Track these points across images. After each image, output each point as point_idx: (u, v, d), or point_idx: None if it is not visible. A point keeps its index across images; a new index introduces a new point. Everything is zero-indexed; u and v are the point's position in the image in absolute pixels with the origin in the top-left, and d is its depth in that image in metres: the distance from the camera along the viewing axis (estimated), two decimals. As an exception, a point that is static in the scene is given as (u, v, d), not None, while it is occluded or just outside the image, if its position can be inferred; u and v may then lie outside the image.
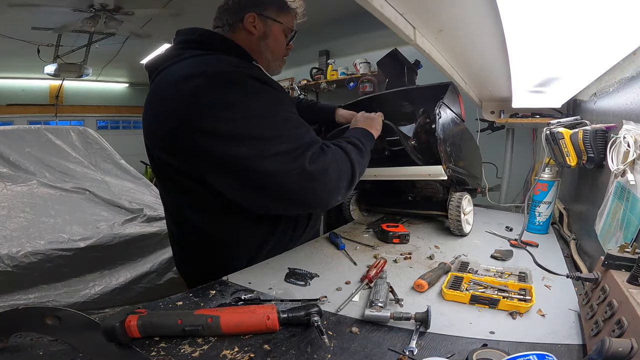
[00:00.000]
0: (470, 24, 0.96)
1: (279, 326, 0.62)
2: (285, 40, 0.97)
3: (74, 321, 0.50)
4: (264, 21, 0.92)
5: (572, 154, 1.07)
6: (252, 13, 0.90)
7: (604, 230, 0.88)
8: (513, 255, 1.06)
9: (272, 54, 0.96)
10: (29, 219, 2.07)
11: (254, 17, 0.90)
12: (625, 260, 0.59)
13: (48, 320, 0.50)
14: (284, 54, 1.00)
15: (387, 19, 0.88)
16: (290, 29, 0.97)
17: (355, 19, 3.91)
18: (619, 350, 0.43)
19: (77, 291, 1.91)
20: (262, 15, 0.91)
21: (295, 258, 1.04)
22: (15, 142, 2.63)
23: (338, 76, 4.01)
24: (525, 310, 0.71)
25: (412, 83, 1.47)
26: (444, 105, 1.15)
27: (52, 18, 3.86)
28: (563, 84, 1.27)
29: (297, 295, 0.79)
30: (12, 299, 1.72)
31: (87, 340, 0.51)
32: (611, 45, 0.81)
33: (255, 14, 0.90)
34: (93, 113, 7.40)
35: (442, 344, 0.62)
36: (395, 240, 1.17)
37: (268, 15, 0.92)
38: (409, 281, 0.88)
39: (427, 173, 1.15)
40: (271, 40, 0.94)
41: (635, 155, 0.74)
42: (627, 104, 0.88)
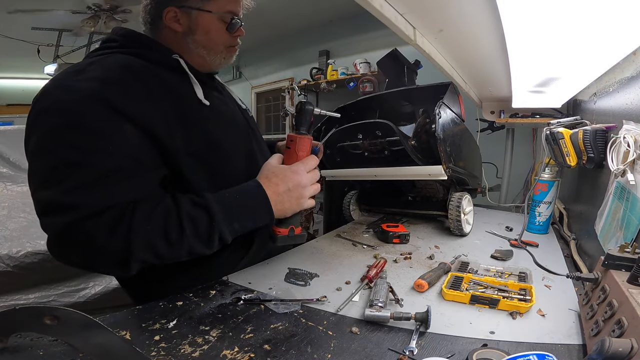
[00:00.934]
0: (470, 24, 0.96)
1: None
2: (223, 28, 0.82)
3: (73, 321, 0.50)
4: (187, 13, 0.79)
5: (572, 154, 1.07)
6: (171, 7, 0.78)
7: (604, 230, 0.88)
8: (513, 255, 1.06)
9: (207, 49, 0.83)
10: (29, 219, 2.06)
11: (174, 11, 0.79)
12: (625, 260, 0.59)
13: (47, 320, 0.49)
14: (228, 44, 0.85)
15: (387, 19, 0.88)
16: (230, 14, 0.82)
17: (355, 19, 3.92)
18: (619, 350, 0.43)
19: (77, 291, 1.91)
20: (184, 7, 0.78)
21: (295, 258, 1.04)
22: (15, 142, 2.61)
23: (338, 76, 4.00)
24: (525, 310, 0.71)
25: (412, 83, 1.47)
26: (444, 105, 1.15)
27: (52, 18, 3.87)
28: (563, 84, 1.27)
29: (297, 295, 0.79)
30: (12, 299, 1.72)
31: (86, 340, 0.51)
32: (611, 45, 0.81)
33: (175, 8, 0.78)
34: (93, 113, 7.39)
35: (442, 344, 0.62)
36: (395, 240, 1.17)
37: (191, 6, 0.79)
38: (409, 281, 0.88)
39: (427, 173, 1.15)
40: (200, 33, 0.81)
41: (635, 155, 0.74)
42: (627, 104, 0.88)
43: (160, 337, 0.61)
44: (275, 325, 0.67)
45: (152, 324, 0.65)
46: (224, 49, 0.85)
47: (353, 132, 1.22)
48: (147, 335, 0.61)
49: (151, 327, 0.64)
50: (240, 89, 5.97)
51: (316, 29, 4.43)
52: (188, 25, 0.80)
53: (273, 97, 5.53)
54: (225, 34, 0.83)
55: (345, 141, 1.26)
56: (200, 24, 0.80)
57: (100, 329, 0.50)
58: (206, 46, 0.83)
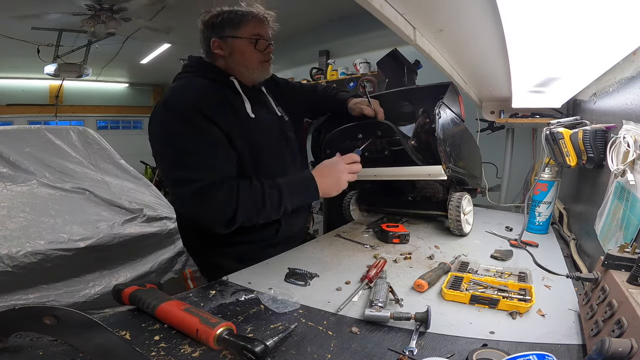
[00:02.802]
0: (470, 24, 0.96)
1: (214, 346, 0.58)
2: (253, 49, 1.05)
3: (72, 320, 0.50)
4: (225, 41, 1.04)
5: (572, 154, 1.07)
6: (214, 39, 1.03)
7: (604, 230, 0.88)
8: (513, 255, 1.06)
9: (244, 66, 1.06)
10: (29, 219, 2.06)
11: (217, 41, 1.04)
12: (625, 260, 0.59)
13: (46, 320, 0.49)
14: (261, 60, 1.08)
15: (387, 19, 0.88)
16: (257, 37, 1.04)
17: (355, 19, 3.91)
18: (618, 350, 0.43)
19: (77, 291, 1.91)
20: (222, 37, 1.03)
21: (295, 258, 1.04)
22: (15, 142, 2.62)
23: (338, 76, 4.00)
24: (525, 310, 0.71)
25: (412, 83, 1.47)
26: (443, 105, 1.15)
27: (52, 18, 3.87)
28: (563, 84, 1.27)
29: (297, 295, 0.79)
30: (12, 299, 1.72)
31: (86, 340, 0.51)
32: (611, 45, 0.81)
33: (217, 39, 1.03)
34: (93, 113, 7.40)
35: (442, 344, 0.62)
36: (395, 240, 1.17)
37: (227, 35, 1.03)
38: (409, 281, 0.88)
39: (427, 173, 1.15)
40: (237, 55, 1.05)
41: (635, 155, 0.74)
42: (627, 104, 0.88)
43: (160, 337, 0.61)
44: (275, 325, 0.67)
45: (152, 324, 0.65)
46: (258, 64, 1.07)
47: (353, 132, 1.22)
48: (147, 335, 0.61)
49: (151, 327, 0.64)
50: (240, 89, 5.97)
51: (316, 29, 4.43)
52: (228, 50, 1.04)
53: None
54: (256, 53, 1.05)
55: (345, 141, 1.26)
56: (236, 48, 1.04)
57: (100, 329, 0.50)
58: (243, 64, 1.06)
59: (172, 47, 5.27)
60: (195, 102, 0.96)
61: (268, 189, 0.97)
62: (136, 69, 6.60)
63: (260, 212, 0.97)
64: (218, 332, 0.58)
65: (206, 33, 1.05)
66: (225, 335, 0.58)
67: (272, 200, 0.97)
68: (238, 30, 1.03)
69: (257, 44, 1.05)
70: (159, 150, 0.99)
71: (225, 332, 0.58)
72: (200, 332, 0.58)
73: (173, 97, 1.01)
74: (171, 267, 2.24)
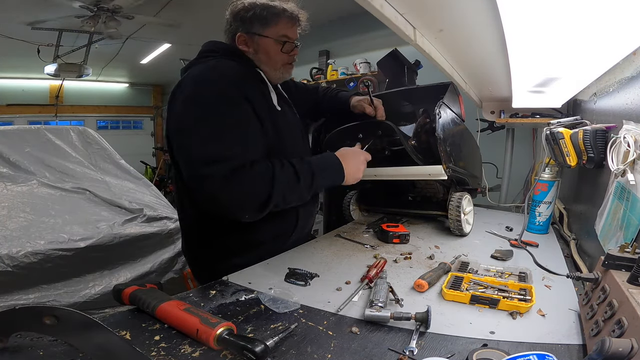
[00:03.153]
0: (470, 24, 0.96)
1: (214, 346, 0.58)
2: (279, 50, 1.01)
3: (72, 320, 0.50)
4: (252, 38, 1.00)
5: (572, 154, 1.07)
6: (241, 33, 0.99)
7: (604, 230, 0.88)
8: (513, 255, 1.06)
9: (268, 65, 1.03)
10: (29, 219, 2.06)
11: (243, 36, 1.00)
12: (625, 260, 0.59)
13: (46, 320, 0.49)
14: (285, 62, 1.04)
15: (387, 19, 0.88)
16: (284, 38, 1.00)
17: (355, 19, 3.91)
18: (619, 350, 0.43)
19: (77, 291, 1.91)
20: (249, 32, 0.99)
21: (295, 258, 1.04)
22: (15, 142, 2.62)
23: (338, 76, 4.00)
24: (525, 310, 0.71)
25: (412, 83, 1.47)
26: (444, 105, 1.15)
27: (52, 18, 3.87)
28: (563, 84, 1.27)
29: (297, 295, 0.79)
30: (12, 299, 1.72)
31: (86, 340, 0.51)
32: (611, 45, 0.81)
33: (243, 34, 0.99)
34: (93, 113, 7.40)
35: (442, 344, 0.62)
36: (395, 240, 1.17)
37: (254, 32, 0.99)
38: (409, 281, 0.88)
39: (427, 173, 1.15)
40: (262, 54, 1.01)
41: (635, 155, 0.74)
42: (627, 104, 0.88)
43: (160, 337, 0.61)
44: (276, 325, 0.67)
45: (152, 324, 0.65)
46: (281, 66, 1.04)
47: (353, 132, 1.22)
48: (147, 335, 0.61)
49: (151, 327, 0.64)
50: (240, 89, 5.97)
51: (316, 29, 4.42)
52: (253, 47, 1.01)
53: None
54: (281, 54, 1.02)
55: (345, 141, 1.26)
56: (262, 47, 1.00)
57: (100, 329, 0.50)
58: (267, 63, 1.03)
59: (172, 47, 5.27)
60: (234, 78, 0.91)
61: (300, 165, 0.94)
62: (136, 69, 6.60)
63: (294, 191, 0.93)
64: (218, 332, 0.58)
65: (233, 25, 1.01)
66: (226, 335, 0.58)
67: (305, 178, 0.94)
68: (267, 28, 0.99)
69: (284, 46, 1.01)
70: (188, 126, 0.90)
71: (226, 332, 0.58)
72: (200, 332, 0.58)
73: (205, 73, 0.94)
74: (171, 267, 2.24)
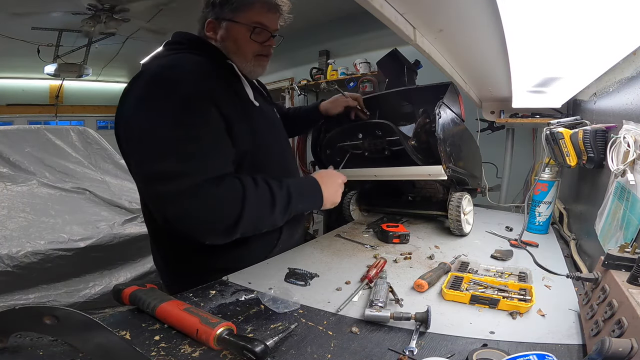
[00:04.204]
0: (470, 24, 0.96)
1: (214, 346, 0.57)
2: (248, 38, 0.90)
3: (72, 320, 0.50)
4: (220, 24, 0.90)
5: (572, 154, 1.07)
6: (210, 19, 0.90)
7: (604, 230, 0.88)
8: (513, 255, 1.06)
9: (236, 55, 0.91)
10: (29, 219, 2.06)
11: (212, 22, 0.90)
12: (625, 260, 0.59)
13: (46, 320, 0.49)
14: (257, 52, 0.93)
15: (387, 19, 0.88)
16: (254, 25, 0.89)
17: (355, 19, 3.91)
18: (619, 350, 0.43)
19: (77, 291, 1.91)
20: (219, 18, 0.89)
21: (295, 258, 1.04)
22: (15, 142, 2.62)
23: (338, 76, 4.00)
24: (525, 310, 0.71)
25: (412, 83, 1.47)
26: (444, 105, 1.15)
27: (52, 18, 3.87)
28: (563, 84, 1.27)
29: (297, 295, 0.79)
30: (12, 299, 1.72)
31: (86, 340, 0.51)
32: (611, 45, 0.81)
33: (213, 19, 0.90)
34: (93, 113, 7.40)
35: (442, 344, 0.62)
36: (395, 240, 1.17)
37: (223, 17, 0.89)
38: (409, 281, 0.88)
39: (427, 173, 1.15)
40: (230, 42, 0.90)
41: (635, 155, 0.74)
42: (627, 104, 0.88)
43: (160, 337, 0.61)
44: (276, 325, 0.67)
45: (152, 324, 0.65)
46: (252, 57, 0.93)
47: (353, 132, 1.22)
48: (147, 335, 0.61)
49: (151, 327, 0.64)
50: (240, 89, 5.97)
51: (316, 29, 4.42)
52: (221, 34, 0.90)
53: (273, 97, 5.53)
54: (252, 43, 0.91)
55: (345, 141, 1.26)
56: (230, 33, 0.90)
57: (100, 329, 0.50)
58: (236, 53, 0.92)
59: (172, 47, 5.27)
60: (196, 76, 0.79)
61: (277, 189, 0.83)
62: (136, 69, 6.51)
63: (268, 216, 0.82)
64: (218, 332, 0.58)
65: (205, 11, 0.91)
66: (226, 335, 0.58)
67: (281, 202, 0.83)
68: (238, 13, 0.88)
69: (254, 32, 0.89)
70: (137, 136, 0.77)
71: (226, 332, 0.58)
72: (200, 332, 0.58)
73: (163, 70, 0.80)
74: (171, 267, 2.24)
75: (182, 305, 0.65)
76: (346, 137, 1.25)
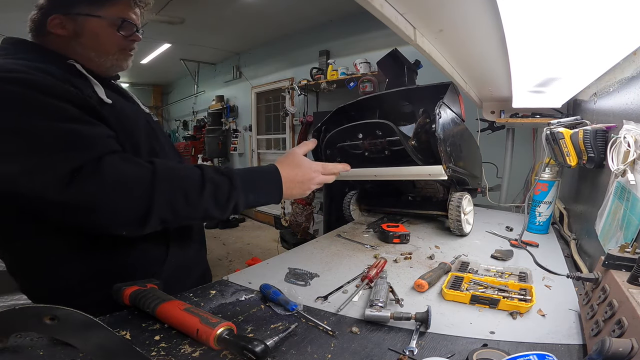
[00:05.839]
0: (470, 24, 0.96)
1: (214, 346, 0.57)
2: (114, 32, 0.85)
3: (72, 320, 0.50)
4: (73, 19, 0.82)
5: (572, 154, 1.07)
6: (56, 15, 0.81)
7: (604, 230, 0.88)
8: (513, 255, 1.06)
9: (95, 51, 0.85)
10: (29, 219, 2.06)
11: (59, 18, 0.82)
12: (626, 260, 0.59)
13: (46, 320, 0.49)
14: (121, 46, 0.88)
15: (387, 19, 0.88)
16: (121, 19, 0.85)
17: (355, 19, 3.92)
18: (619, 350, 0.43)
19: (77, 291, 1.91)
20: (70, 14, 0.82)
21: (295, 258, 1.04)
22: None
23: (338, 76, 4.00)
24: (525, 310, 0.71)
25: (412, 83, 1.47)
26: (444, 105, 1.15)
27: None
28: (563, 84, 1.27)
29: (298, 294, 0.79)
30: (12, 299, 1.72)
31: (86, 340, 0.51)
32: (611, 45, 0.81)
33: (60, 15, 0.82)
34: (93, 113, 7.39)
35: (442, 344, 0.62)
36: (396, 240, 1.17)
37: (78, 12, 0.82)
38: (409, 281, 0.88)
39: (427, 173, 1.15)
40: (87, 37, 0.83)
41: (636, 155, 0.74)
42: (627, 104, 0.88)
43: (160, 337, 0.61)
44: (276, 325, 0.67)
45: (152, 324, 0.65)
46: (117, 50, 0.87)
47: (353, 132, 1.22)
48: (147, 335, 0.61)
49: (151, 327, 0.64)
50: (241, 88, 5.97)
51: (316, 29, 4.43)
52: (74, 29, 0.82)
53: (273, 97, 5.53)
54: (116, 37, 0.86)
55: (345, 141, 1.26)
56: (88, 28, 0.83)
57: (100, 329, 0.50)
58: (95, 48, 0.85)
59: (172, 47, 5.28)
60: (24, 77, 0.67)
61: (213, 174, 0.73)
62: (136, 69, 6.60)
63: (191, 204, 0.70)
64: (218, 332, 0.58)
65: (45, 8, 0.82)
66: (226, 335, 0.58)
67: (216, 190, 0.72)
68: (100, 8, 0.83)
69: (122, 25, 0.85)
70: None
71: (226, 332, 0.58)
72: (200, 332, 0.58)
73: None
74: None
75: (182, 305, 0.65)
76: (346, 137, 1.25)
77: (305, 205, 3.91)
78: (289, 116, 4.90)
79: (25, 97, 0.66)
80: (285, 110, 4.76)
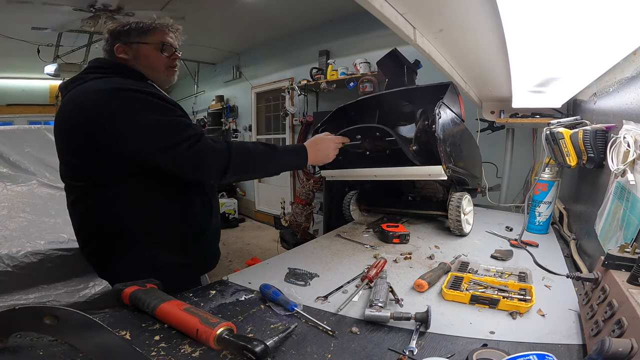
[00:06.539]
0: (470, 23, 0.96)
1: (214, 346, 0.58)
2: (159, 54, 1.11)
3: (72, 320, 0.50)
4: (130, 46, 1.09)
5: (572, 154, 1.07)
6: (119, 44, 1.08)
7: (604, 230, 0.88)
8: (513, 255, 1.06)
9: (150, 69, 1.11)
10: (29, 219, 2.06)
11: (122, 46, 1.08)
12: (625, 260, 0.59)
13: (46, 320, 0.49)
14: (167, 65, 1.13)
15: (387, 19, 0.88)
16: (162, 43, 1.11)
17: (355, 19, 3.92)
18: (619, 350, 0.43)
19: (77, 291, 1.91)
20: (127, 42, 1.08)
21: (295, 258, 1.04)
22: (15, 142, 2.62)
23: (338, 76, 4.00)
24: (525, 310, 0.71)
25: (412, 83, 1.47)
26: (443, 105, 1.15)
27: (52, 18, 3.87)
28: (563, 84, 1.27)
29: (298, 294, 0.79)
30: (12, 299, 1.72)
31: (86, 340, 0.51)
32: (611, 45, 0.81)
33: (122, 44, 1.08)
34: (93, 113, 7.39)
35: (442, 344, 0.62)
36: (395, 240, 1.17)
37: (132, 41, 1.08)
38: (409, 281, 0.88)
39: (427, 173, 1.15)
40: (142, 59, 1.10)
41: (635, 155, 0.74)
42: (627, 104, 0.88)
43: (160, 337, 0.61)
44: (276, 325, 0.67)
45: (152, 324, 0.65)
46: (164, 69, 1.13)
47: (352, 133, 1.22)
48: (147, 335, 0.61)
49: (151, 327, 0.64)
50: (240, 88, 5.96)
51: (316, 29, 4.43)
52: (133, 54, 1.09)
53: (273, 97, 5.53)
54: (162, 57, 1.12)
55: (345, 141, 1.26)
56: (142, 53, 1.09)
57: (100, 329, 0.50)
58: (149, 67, 1.11)
59: (172, 47, 5.26)
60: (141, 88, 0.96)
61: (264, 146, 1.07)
62: (136, 69, 6.59)
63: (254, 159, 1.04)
64: (218, 332, 0.58)
65: (110, 41, 1.09)
66: (226, 335, 0.58)
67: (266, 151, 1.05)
68: (147, 36, 1.09)
69: (163, 48, 1.10)
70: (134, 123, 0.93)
71: (226, 332, 0.58)
72: (200, 332, 0.58)
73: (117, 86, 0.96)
74: (171, 267, 2.24)
75: (182, 305, 0.65)
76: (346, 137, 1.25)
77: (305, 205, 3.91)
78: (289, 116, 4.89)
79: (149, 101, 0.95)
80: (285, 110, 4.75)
